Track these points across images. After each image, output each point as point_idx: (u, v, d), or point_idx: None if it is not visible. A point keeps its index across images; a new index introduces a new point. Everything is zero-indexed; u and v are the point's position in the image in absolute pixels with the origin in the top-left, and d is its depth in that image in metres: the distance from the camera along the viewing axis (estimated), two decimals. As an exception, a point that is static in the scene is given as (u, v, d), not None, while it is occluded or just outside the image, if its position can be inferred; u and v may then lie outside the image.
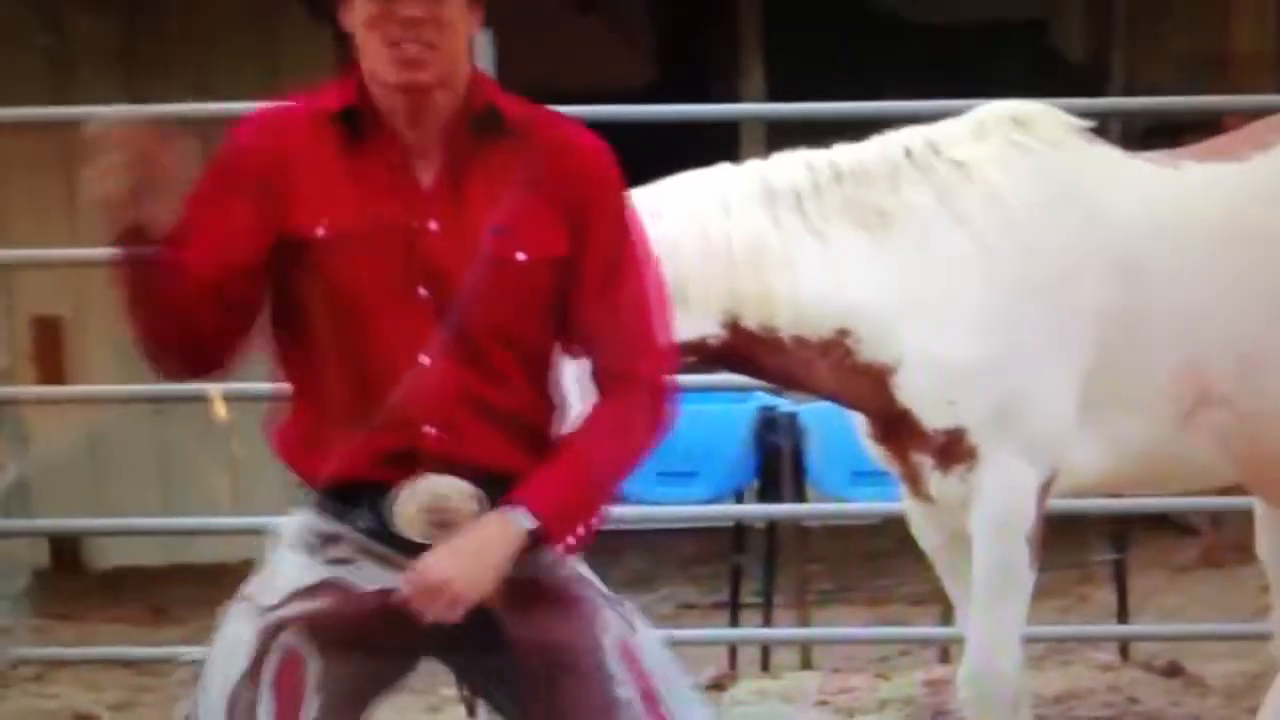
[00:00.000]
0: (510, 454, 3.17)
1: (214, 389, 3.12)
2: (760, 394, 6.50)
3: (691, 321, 4.13)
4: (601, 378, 3.24)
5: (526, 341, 3.21)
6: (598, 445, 3.22)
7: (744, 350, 4.20)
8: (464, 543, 3.09)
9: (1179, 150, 4.52)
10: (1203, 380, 4.26)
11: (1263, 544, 4.75)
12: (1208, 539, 8.28)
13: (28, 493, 7.68)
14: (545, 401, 3.25)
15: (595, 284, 3.22)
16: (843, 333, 4.17)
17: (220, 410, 3.11)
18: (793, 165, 4.23)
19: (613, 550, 3.37)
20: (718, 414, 6.73)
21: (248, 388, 4.53)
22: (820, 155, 4.24)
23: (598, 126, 3.32)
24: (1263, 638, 5.04)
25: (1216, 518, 8.02)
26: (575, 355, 3.28)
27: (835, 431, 5.45)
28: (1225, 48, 8.08)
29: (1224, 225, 4.32)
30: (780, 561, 6.99)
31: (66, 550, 8.81)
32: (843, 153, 4.25)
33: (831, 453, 6.47)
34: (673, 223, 4.10)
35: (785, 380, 4.49)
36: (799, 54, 9.43)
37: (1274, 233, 4.32)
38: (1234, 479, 4.69)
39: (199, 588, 7.99)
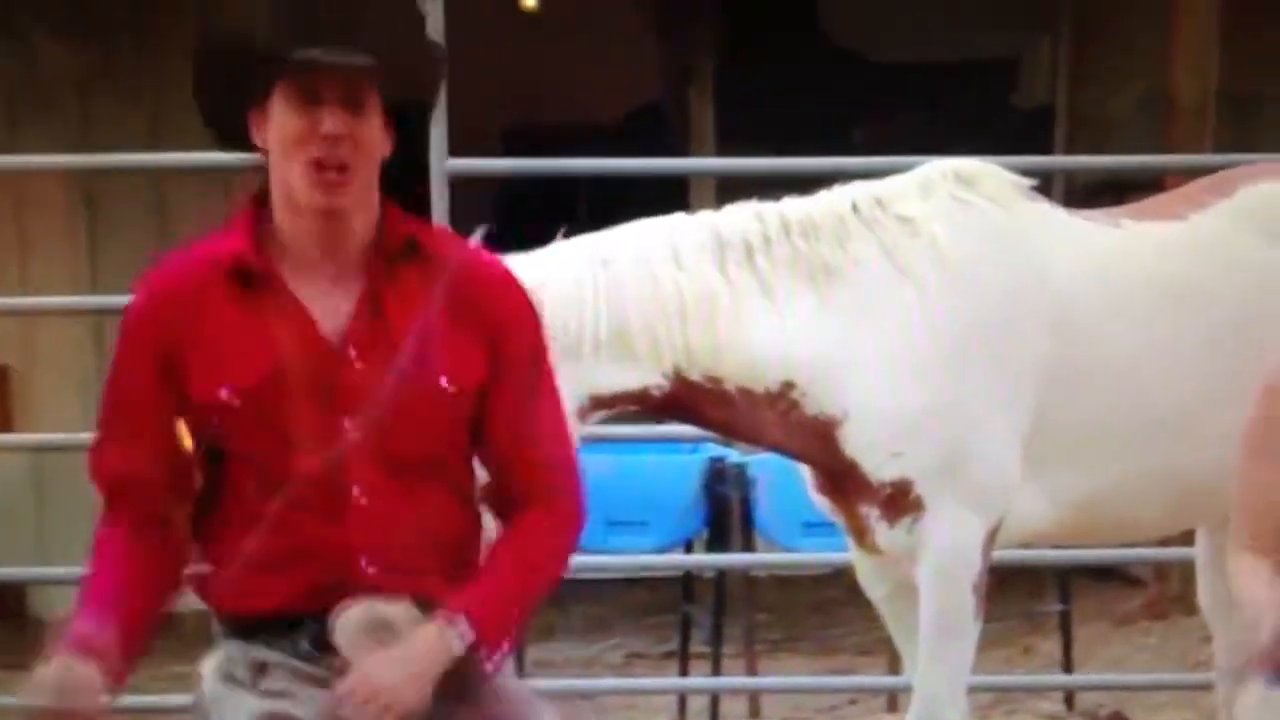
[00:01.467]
0: (442, 579, 3.18)
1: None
2: (710, 445, 6.52)
3: (637, 371, 4.16)
4: (520, 495, 3.26)
5: (453, 466, 3.24)
6: (527, 559, 3.25)
7: (687, 401, 4.22)
8: (399, 653, 3.08)
9: (1118, 209, 4.59)
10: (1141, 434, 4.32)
11: (1204, 596, 4.81)
12: (1152, 591, 8.32)
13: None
14: (473, 521, 3.29)
15: (515, 406, 3.24)
16: (788, 385, 4.19)
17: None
18: (743, 217, 4.26)
19: (563, 599, 3.38)
20: (667, 464, 6.76)
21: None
22: (770, 208, 4.28)
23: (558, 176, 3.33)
24: (1205, 688, 5.08)
25: (1160, 570, 8.07)
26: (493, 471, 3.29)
27: (784, 482, 5.47)
28: (1169, 88, 8.18)
29: (1161, 282, 4.37)
30: (729, 611, 7.01)
31: (10, 598, 8.74)
32: (792, 206, 4.28)
33: (780, 503, 6.49)
34: (623, 271, 4.14)
35: (730, 432, 4.51)
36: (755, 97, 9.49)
37: (1209, 289, 4.39)
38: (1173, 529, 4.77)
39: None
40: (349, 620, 3.10)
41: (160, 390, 3.16)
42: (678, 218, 4.31)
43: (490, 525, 3.32)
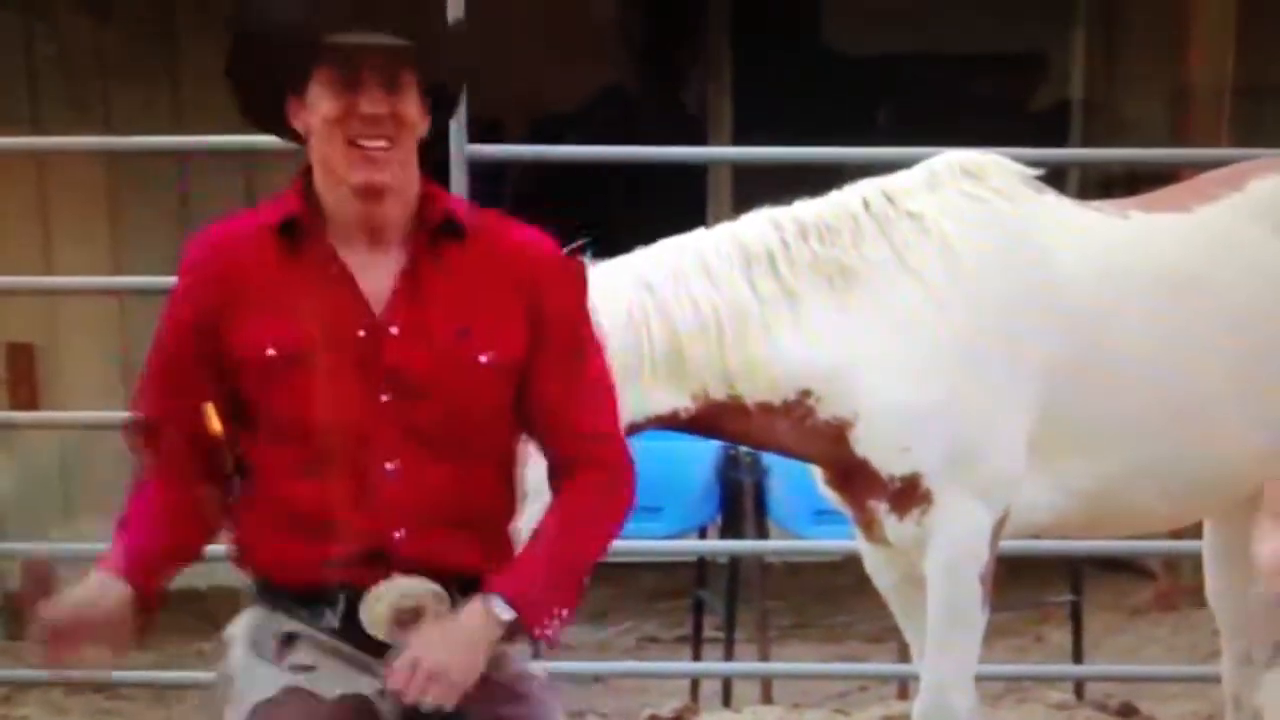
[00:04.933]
0: (476, 554, 3.20)
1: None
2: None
3: (671, 394, 4.21)
4: (566, 466, 3.28)
5: (490, 441, 3.25)
6: (573, 533, 3.25)
7: (707, 419, 4.27)
8: (452, 631, 3.11)
9: (1127, 200, 4.62)
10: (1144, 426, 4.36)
11: (1212, 588, 4.85)
12: (1162, 583, 8.35)
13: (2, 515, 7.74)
14: (508, 498, 3.30)
15: (558, 378, 3.25)
16: (805, 394, 4.24)
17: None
18: (763, 226, 4.30)
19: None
20: (681, 450, 6.79)
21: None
22: (785, 213, 4.32)
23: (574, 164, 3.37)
24: (1215, 680, 5.10)
25: (1170, 562, 8.10)
26: (534, 447, 3.31)
27: (796, 470, 5.51)
28: (1184, 81, 8.19)
29: (1170, 274, 4.41)
30: (742, 597, 7.04)
31: (39, 574, 8.79)
32: (806, 209, 4.32)
33: (793, 490, 6.51)
34: (665, 295, 4.18)
35: (742, 441, 4.56)
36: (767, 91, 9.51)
37: (1218, 281, 4.42)
38: (1183, 521, 4.81)
39: (169, 613, 8.02)
40: (376, 601, 3.15)
41: (204, 346, 3.19)
42: (703, 233, 4.34)
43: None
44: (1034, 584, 7.49)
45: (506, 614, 3.12)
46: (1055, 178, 4.53)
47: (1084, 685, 6.90)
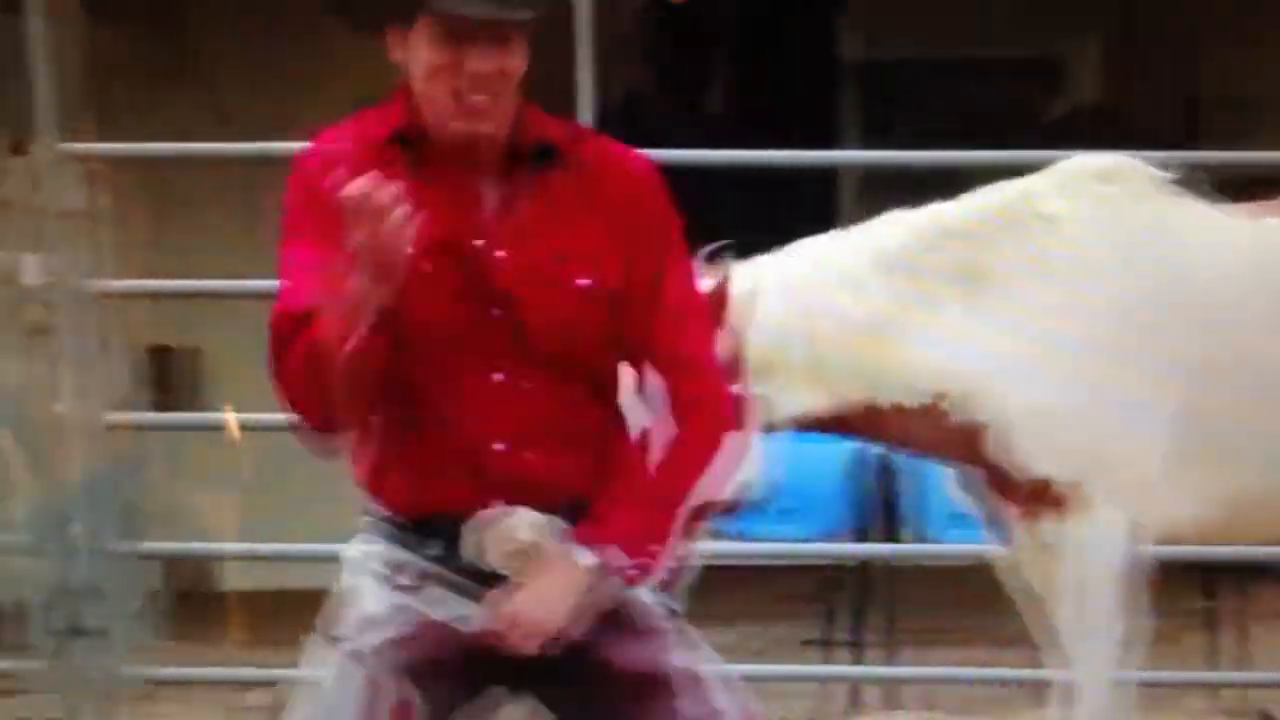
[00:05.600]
0: (577, 473, 3.20)
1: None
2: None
3: (806, 396, 4.24)
4: (667, 399, 3.23)
5: (591, 363, 3.22)
6: (668, 467, 3.20)
7: (840, 420, 4.30)
8: (542, 577, 3.11)
9: (1262, 204, 4.58)
10: None
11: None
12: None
13: (143, 517, 7.83)
14: (611, 421, 3.27)
15: (652, 305, 3.23)
16: (940, 396, 4.26)
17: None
18: (899, 229, 4.32)
19: (705, 585, 3.42)
20: (814, 453, 6.81)
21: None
22: (921, 216, 4.34)
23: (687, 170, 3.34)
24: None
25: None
26: (640, 373, 3.27)
27: (929, 473, 5.52)
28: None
29: None
30: (872, 601, 7.05)
31: (189, 573, 8.94)
32: (941, 212, 4.34)
33: (925, 494, 6.53)
34: (809, 300, 4.22)
35: (876, 442, 4.57)
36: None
37: None
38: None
39: (301, 613, 8.12)
40: (478, 528, 3.15)
41: (328, 246, 3.09)
42: (839, 235, 4.36)
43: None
44: (1168, 590, 7.43)
45: (592, 560, 3.11)
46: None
47: (1220, 691, 6.85)
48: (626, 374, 3.29)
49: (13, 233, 5.96)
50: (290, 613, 8.92)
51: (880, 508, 6.83)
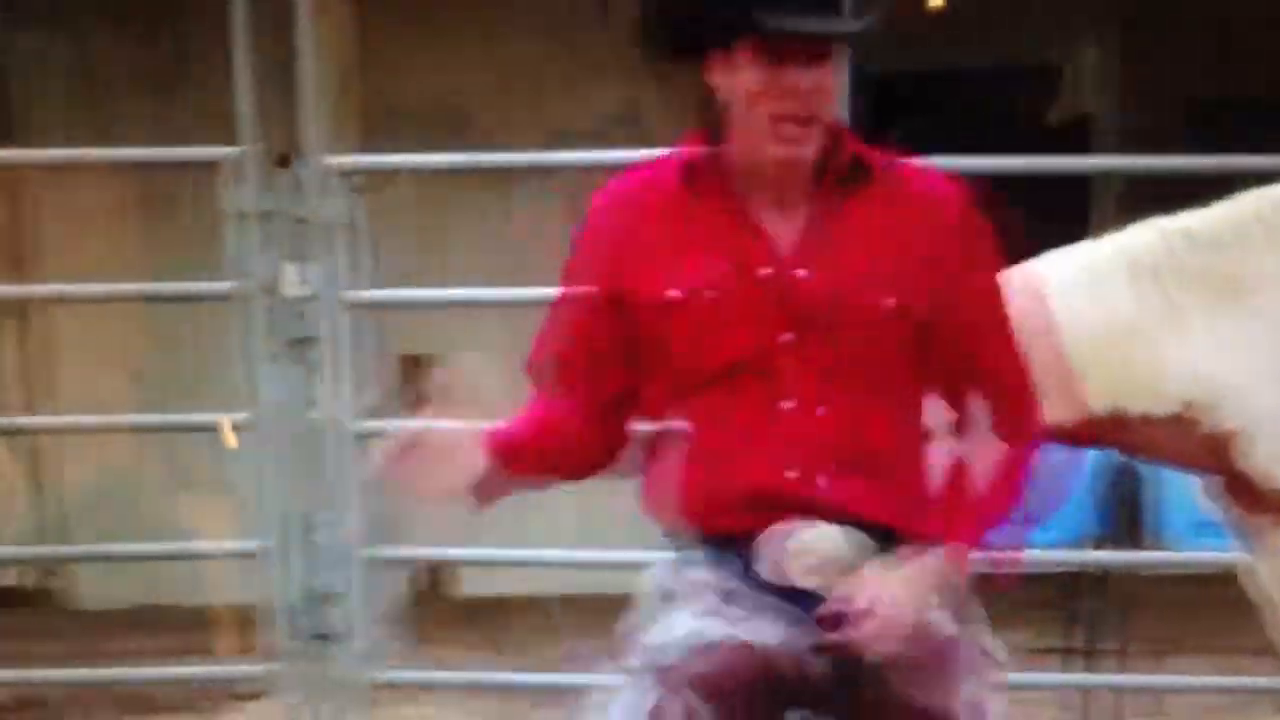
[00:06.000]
0: (873, 497, 3.21)
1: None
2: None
3: (1056, 406, 4.21)
4: (975, 421, 3.28)
5: (890, 387, 3.23)
6: (987, 492, 3.25)
7: (1089, 430, 4.30)
8: (894, 579, 3.12)
9: None
10: None
11: None
12: None
13: (400, 522, 8.00)
14: (909, 446, 3.29)
15: (967, 330, 3.26)
16: (1188, 405, 4.26)
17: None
18: (1150, 236, 4.31)
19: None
20: (1059, 461, 6.76)
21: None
22: (1174, 224, 4.32)
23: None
24: None
25: None
26: (940, 401, 3.31)
27: (1175, 480, 5.48)
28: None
29: None
30: (1117, 609, 6.99)
31: (436, 578, 9.07)
32: (1194, 219, 4.32)
33: (1172, 501, 6.48)
34: (1054, 308, 4.23)
35: (1123, 450, 4.56)
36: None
37: None
38: None
39: (549, 618, 8.26)
40: (773, 543, 3.19)
41: (606, 294, 3.25)
42: (1091, 244, 4.38)
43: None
44: None
45: (941, 564, 3.14)
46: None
47: None
48: (933, 397, 3.32)
49: (276, 244, 6.13)
50: (525, 617, 9.11)
51: (1123, 514, 6.77)
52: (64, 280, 8.46)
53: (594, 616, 3.49)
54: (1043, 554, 6.97)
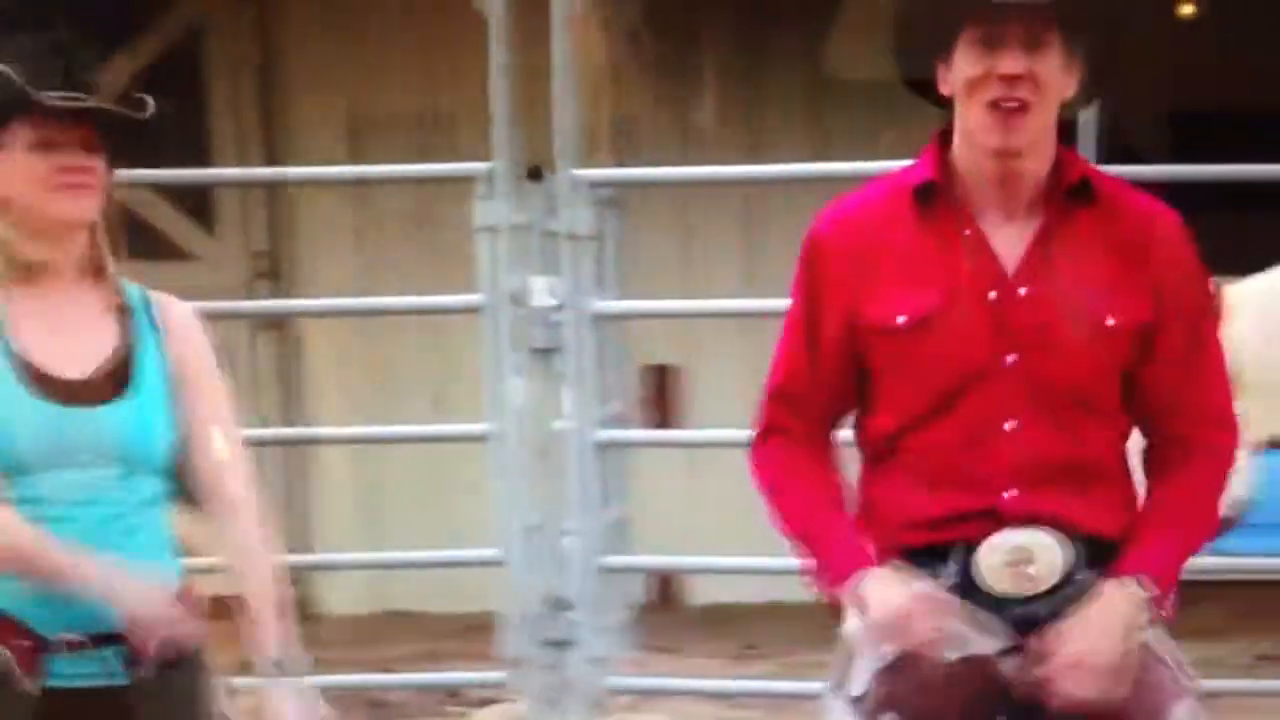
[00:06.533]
0: (1090, 513, 3.22)
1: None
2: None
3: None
4: (1179, 444, 3.28)
5: (1105, 405, 3.25)
6: (1194, 513, 3.27)
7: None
8: (1096, 615, 3.14)
9: None
10: None
11: None
12: None
13: (631, 530, 8.12)
14: (1118, 464, 3.31)
15: (1179, 354, 3.26)
16: None
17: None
18: None
19: (1187, 601, 3.44)
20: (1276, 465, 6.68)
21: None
22: None
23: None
24: None
25: None
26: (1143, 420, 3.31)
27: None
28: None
29: None
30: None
31: (666, 586, 9.16)
32: None
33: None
34: (1236, 336, 4.18)
35: None
36: None
37: None
38: None
39: (787, 625, 8.32)
40: (990, 553, 3.20)
41: (834, 316, 3.28)
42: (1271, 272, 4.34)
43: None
44: None
45: (1145, 595, 3.15)
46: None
47: None
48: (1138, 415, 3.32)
49: (526, 256, 6.27)
50: (756, 624, 9.13)
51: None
52: (319, 294, 8.72)
53: (822, 624, 3.48)
54: (1265, 562, 6.91)
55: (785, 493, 3.36)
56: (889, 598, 3.18)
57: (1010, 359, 3.20)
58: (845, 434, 3.47)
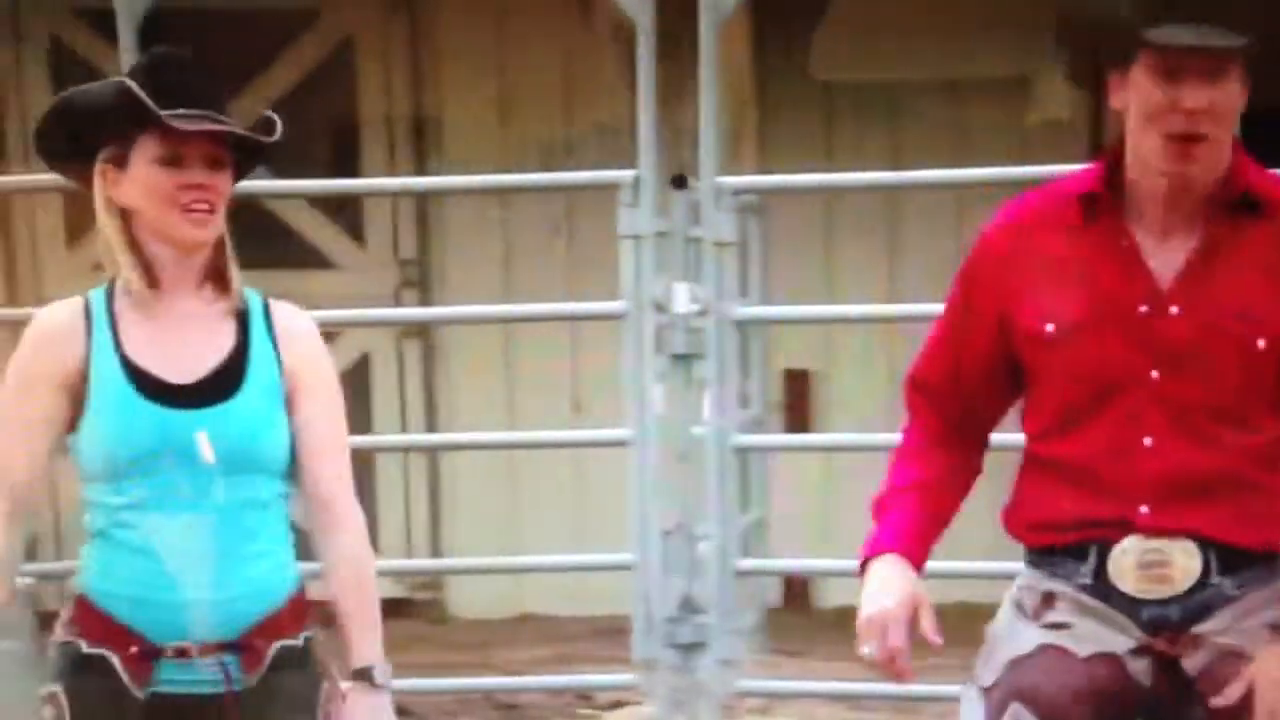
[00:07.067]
0: (1225, 524, 3.21)
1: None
2: None
3: None
4: None
5: (1250, 423, 3.22)
6: None
7: None
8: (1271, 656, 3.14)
9: None
10: None
11: None
12: None
13: (765, 534, 8.17)
14: (1261, 472, 3.25)
15: None
16: None
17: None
18: None
19: None
20: None
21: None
22: None
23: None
24: None
25: None
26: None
27: None
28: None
29: None
30: None
31: (797, 589, 9.20)
32: None
33: None
34: None
35: None
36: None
37: None
38: None
39: (916, 628, 8.23)
40: (1123, 554, 3.23)
41: (988, 318, 3.30)
42: None
43: None
44: None
45: None
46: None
47: None
48: None
49: (670, 263, 6.37)
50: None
51: None
52: (464, 301, 8.85)
53: (956, 626, 3.52)
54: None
55: (888, 473, 3.42)
56: (879, 598, 3.24)
57: (1154, 374, 3.20)
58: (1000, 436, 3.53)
